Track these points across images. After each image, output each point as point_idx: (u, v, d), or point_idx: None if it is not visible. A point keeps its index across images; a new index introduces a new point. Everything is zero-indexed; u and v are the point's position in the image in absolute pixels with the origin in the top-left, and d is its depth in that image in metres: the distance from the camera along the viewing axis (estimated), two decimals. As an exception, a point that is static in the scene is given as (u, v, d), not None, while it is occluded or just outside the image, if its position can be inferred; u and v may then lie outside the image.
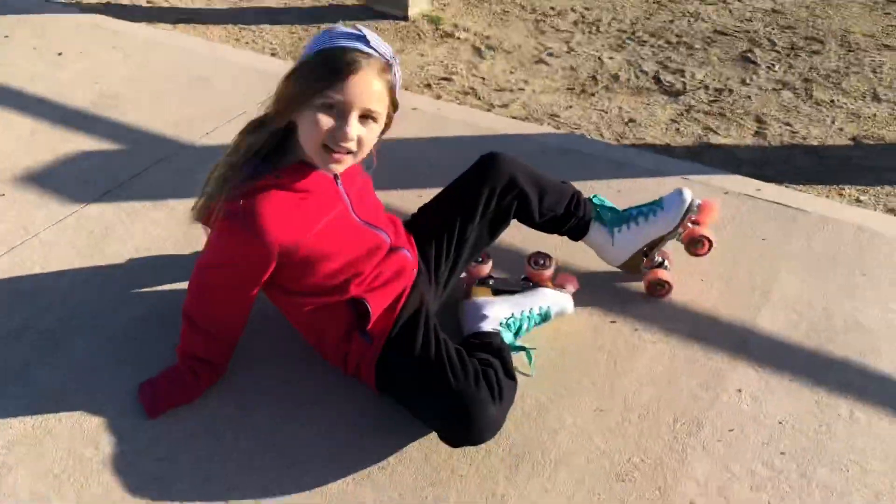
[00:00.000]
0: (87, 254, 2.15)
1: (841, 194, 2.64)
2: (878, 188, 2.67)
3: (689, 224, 1.99)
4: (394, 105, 1.54)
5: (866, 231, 2.28)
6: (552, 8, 3.97)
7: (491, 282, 1.97)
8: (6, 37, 3.32)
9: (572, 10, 3.96)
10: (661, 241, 1.99)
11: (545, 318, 1.90)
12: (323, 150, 1.48)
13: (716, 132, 2.97)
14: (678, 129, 2.99)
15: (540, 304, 1.88)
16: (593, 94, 3.21)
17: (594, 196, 2.02)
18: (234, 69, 3.07)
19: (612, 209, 2.00)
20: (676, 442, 1.66)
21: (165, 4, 3.92)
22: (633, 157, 2.66)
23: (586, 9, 3.98)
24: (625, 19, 3.86)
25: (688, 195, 1.96)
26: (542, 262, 1.95)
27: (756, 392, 1.78)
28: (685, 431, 1.69)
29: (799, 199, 2.45)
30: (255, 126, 1.54)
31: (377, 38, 1.48)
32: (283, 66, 1.56)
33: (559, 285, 1.95)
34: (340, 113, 1.44)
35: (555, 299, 1.90)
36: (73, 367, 1.80)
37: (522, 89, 3.24)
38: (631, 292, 2.05)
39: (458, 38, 3.63)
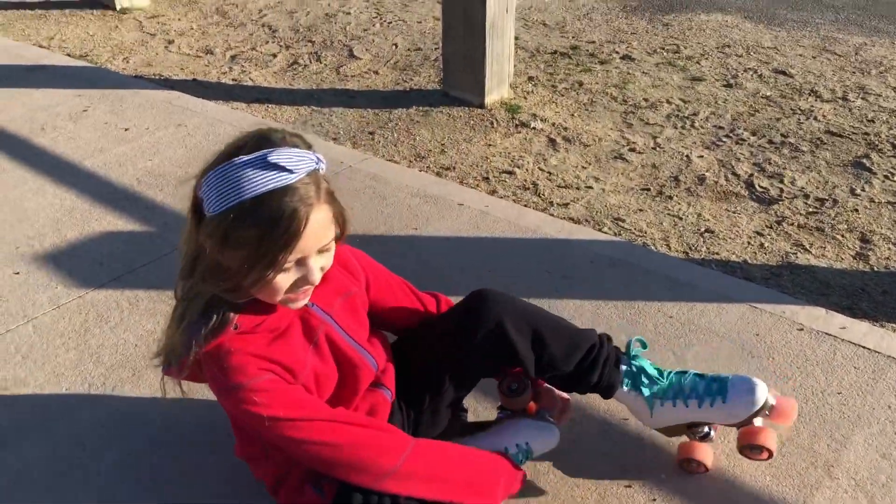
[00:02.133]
0: (73, 345, 2.03)
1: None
2: None
3: (753, 422, 1.57)
4: (340, 214, 1.30)
5: (977, 394, 1.82)
6: (645, 100, 3.67)
7: (463, 416, 1.68)
8: (85, 111, 3.37)
9: (668, 101, 3.65)
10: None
11: (527, 455, 1.58)
12: (282, 298, 1.27)
13: (807, 250, 2.55)
14: (762, 244, 2.59)
15: (517, 441, 1.56)
16: (671, 197, 2.87)
17: (634, 353, 1.59)
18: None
19: (652, 377, 1.57)
20: None
21: (249, 83, 3.92)
22: (696, 276, 2.30)
23: (683, 101, 3.65)
24: (725, 115, 3.51)
25: (761, 394, 1.52)
26: (514, 386, 1.62)
27: None
28: None
29: (893, 344, 2.00)
30: (190, 298, 1.29)
31: (290, 151, 1.19)
32: (342, 153, 1.33)
33: (543, 408, 1.62)
34: (298, 264, 1.23)
35: (537, 432, 1.57)
36: (9, 474, 1.65)
37: (591, 187, 2.94)
38: (656, 446, 1.69)
39: (534, 129, 3.39)
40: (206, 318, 1.25)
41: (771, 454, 1.56)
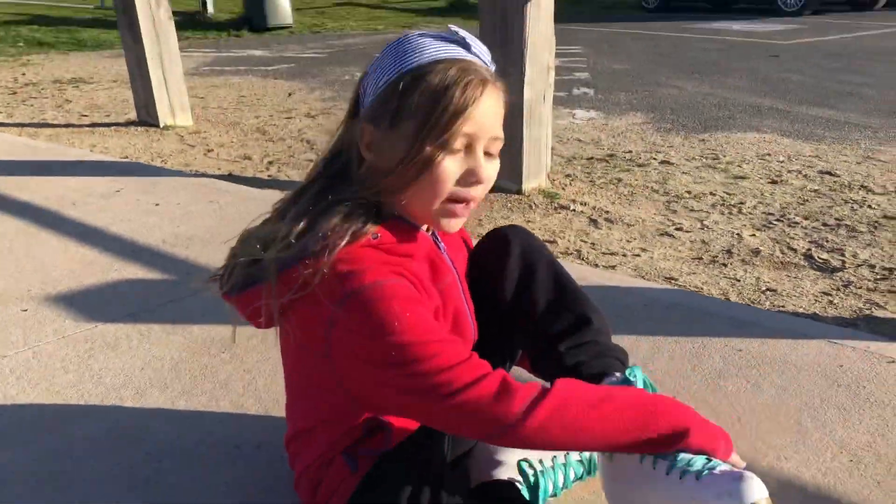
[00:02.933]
0: (73, 368, 1.84)
1: None
2: None
3: None
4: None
5: None
6: (688, 192, 3.56)
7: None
8: (118, 191, 3.33)
9: (711, 194, 3.53)
10: None
11: (589, 467, 1.32)
12: (442, 204, 1.09)
13: (882, 307, 2.32)
14: (831, 301, 2.37)
15: None
16: (725, 265, 2.68)
17: (634, 368, 1.24)
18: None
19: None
20: None
21: (284, 178, 3.90)
22: (763, 317, 2.07)
23: (728, 194, 3.53)
24: (773, 204, 3.37)
25: (751, 491, 0.97)
26: None
27: None
28: None
29: None
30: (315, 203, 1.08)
31: (470, 35, 1.10)
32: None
33: None
34: (468, 151, 1.07)
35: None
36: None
37: (637, 255, 2.77)
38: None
39: (573, 211, 3.27)
40: (339, 222, 1.05)
41: None
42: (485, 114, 1.05)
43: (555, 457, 1.30)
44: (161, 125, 4.98)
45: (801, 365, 1.78)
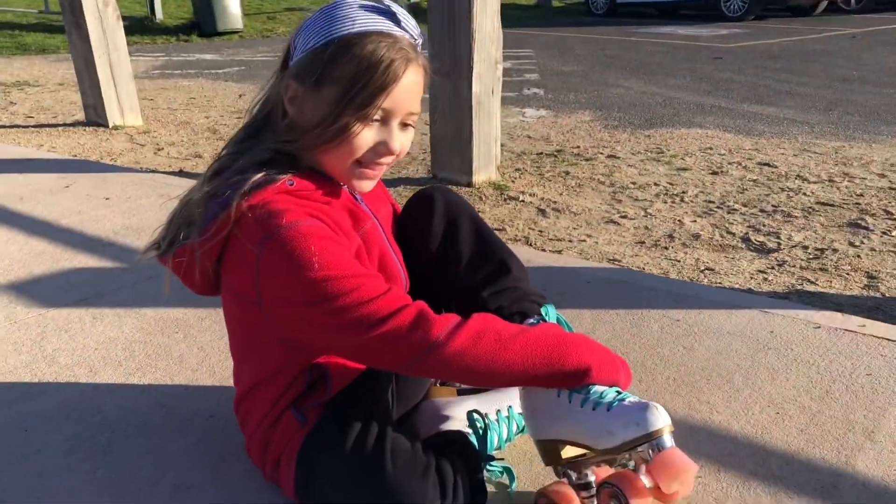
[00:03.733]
0: (26, 350, 1.84)
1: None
2: None
3: (629, 463, 1.11)
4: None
5: None
6: (633, 183, 3.67)
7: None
8: (67, 187, 3.32)
9: (655, 184, 3.64)
10: (585, 454, 1.15)
11: (520, 424, 1.38)
12: (354, 165, 1.17)
13: (813, 283, 2.44)
14: (766, 279, 2.48)
15: (510, 404, 1.38)
16: (667, 248, 2.78)
17: (547, 306, 1.32)
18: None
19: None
20: None
21: (236, 175, 3.91)
22: (701, 290, 2.17)
23: (671, 184, 3.65)
24: (714, 192, 3.49)
25: (656, 418, 1.05)
26: None
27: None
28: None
29: (922, 337, 1.85)
30: (240, 151, 1.18)
31: (401, 9, 1.16)
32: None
33: None
34: (383, 123, 1.15)
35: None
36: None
37: (583, 241, 2.86)
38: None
39: (522, 202, 3.35)
40: (256, 169, 1.12)
41: None
42: (404, 91, 1.12)
43: (499, 410, 1.36)
44: (110, 125, 4.94)
45: (734, 332, 1.88)
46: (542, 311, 1.29)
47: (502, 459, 1.34)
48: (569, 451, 1.16)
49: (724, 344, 1.82)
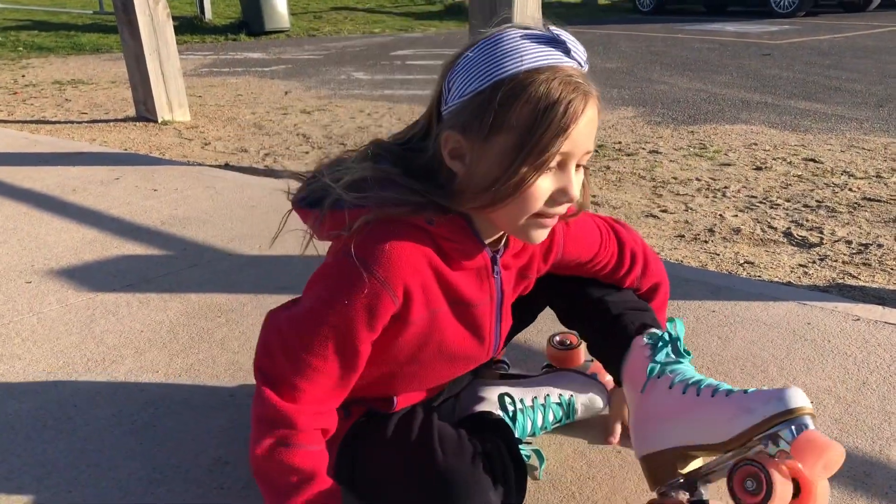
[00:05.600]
0: (76, 331, 1.92)
1: None
2: None
3: (766, 448, 1.03)
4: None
5: None
6: (674, 178, 3.65)
7: (504, 367, 1.51)
8: (117, 179, 3.42)
9: (697, 179, 3.62)
10: (714, 457, 1.12)
11: (569, 412, 1.40)
12: (529, 218, 1.03)
13: (855, 277, 2.41)
14: (806, 272, 2.45)
15: (560, 391, 1.39)
16: (706, 242, 2.77)
17: (673, 320, 1.28)
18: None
19: (680, 351, 1.22)
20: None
21: (280, 168, 3.98)
22: (738, 283, 2.16)
23: (713, 179, 3.62)
24: (757, 188, 3.46)
25: (795, 396, 1.03)
26: (568, 342, 1.48)
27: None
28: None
29: (963, 330, 1.82)
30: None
31: (566, 33, 1.00)
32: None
33: (592, 373, 1.46)
34: (560, 168, 1.01)
35: (583, 386, 1.40)
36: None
37: (622, 234, 2.85)
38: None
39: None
40: (403, 196, 1.02)
41: (769, 494, 0.97)
42: (584, 130, 0.98)
43: (535, 397, 1.38)
44: (159, 120, 5.06)
45: (771, 323, 1.87)
46: (669, 326, 1.25)
47: (530, 444, 1.36)
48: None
49: (759, 335, 1.81)
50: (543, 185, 0.99)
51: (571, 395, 1.40)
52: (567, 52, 0.98)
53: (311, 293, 1.06)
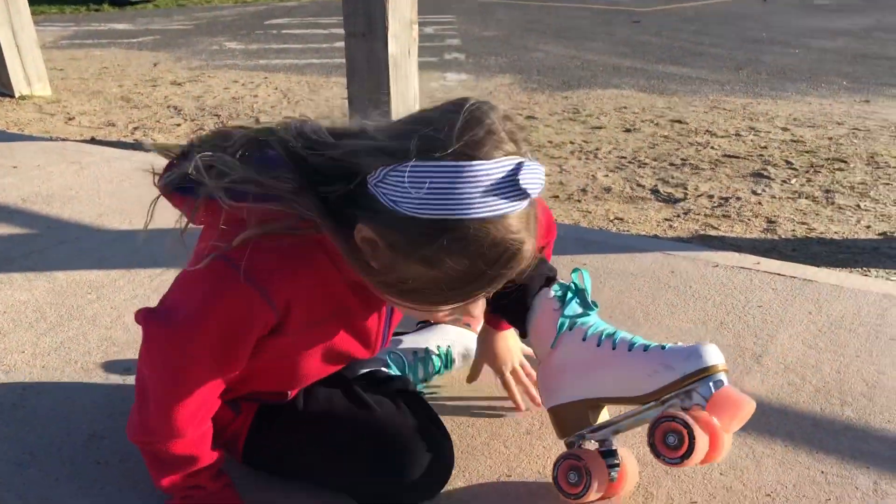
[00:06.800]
0: (-71, 316, 1.80)
1: (866, 276, 2.15)
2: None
3: (680, 402, 1.05)
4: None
5: (894, 299, 1.79)
6: (549, 141, 3.75)
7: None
8: (-30, 157, 3.21)
9: (570, 142, 3.73)
10: (628, 410, 1.13)
11: (447, 361, 1.44)
12: None
13: (716, 228, 2.56)
14: (671, 226, 2.58)
15: (438, 343, 1.43)
16: (579, 201, 2.87)
17: (578, 270, 1.23)
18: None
19: (588, 304, 1.19)
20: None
21: (150, 141, 3.84)
22: (607, 237, 2.26)
23: (585, 142, 3.74)
24: (626, 149, 3.60)
25: (712, 354, 1.05)
26: None
27: (738, 461, 1.25)
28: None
29: (809, 271, 1.97)
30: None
31: (535, 169, 0.85)
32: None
33: (465, 324, 1.50)
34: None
35: (458, 337, 1.45)
36: None
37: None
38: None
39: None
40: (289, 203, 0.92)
41: (691, 446, 0.99)
42: (512, 271, 0.90)
43: (415, 352, 1.41)
44: (16, 95, 4.77)
45: (637, 273, 1.96)
46: (574, 275, 1.21)
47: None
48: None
49: (627, 284, 1.90)
50: (447, 312, 0.98)
51: (448, 346, 1.44)
52: (525, 198, 0.85)
53: (185, 297, 0.99)
